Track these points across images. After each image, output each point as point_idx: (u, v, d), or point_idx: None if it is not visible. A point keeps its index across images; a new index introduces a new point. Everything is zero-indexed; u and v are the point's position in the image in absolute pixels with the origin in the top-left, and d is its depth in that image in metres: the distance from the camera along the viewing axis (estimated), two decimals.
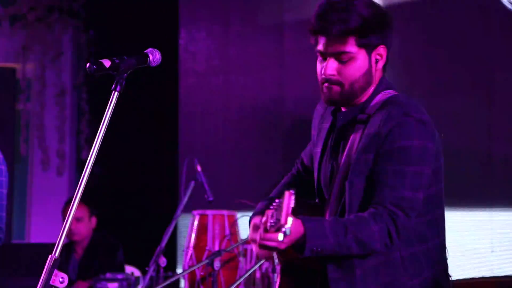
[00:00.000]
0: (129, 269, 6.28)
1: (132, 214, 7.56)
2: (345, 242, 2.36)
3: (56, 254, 2.29)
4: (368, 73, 2.53)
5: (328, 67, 2.51)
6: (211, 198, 4.92)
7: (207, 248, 4.71)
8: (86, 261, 6.10)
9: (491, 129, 5.57)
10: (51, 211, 7.90)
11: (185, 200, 4.90)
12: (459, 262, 5.49)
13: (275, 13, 6.78)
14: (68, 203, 6.40)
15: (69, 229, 2.31)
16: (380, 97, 2.55)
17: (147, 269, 4.61)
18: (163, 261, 4.61)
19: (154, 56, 2.54)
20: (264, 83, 6.80)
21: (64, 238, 2.33)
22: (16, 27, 8.40)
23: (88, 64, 2.43)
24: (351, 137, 2.53)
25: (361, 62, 2.51)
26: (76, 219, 5.99)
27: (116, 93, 2.44)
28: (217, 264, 4.32)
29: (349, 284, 2.44)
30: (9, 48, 8.41)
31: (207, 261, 4.34)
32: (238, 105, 6.95)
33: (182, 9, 7.44)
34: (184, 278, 4.92)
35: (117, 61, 2.45)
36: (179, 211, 4.85)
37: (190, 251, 4.76)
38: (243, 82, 6.93)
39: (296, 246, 2.35)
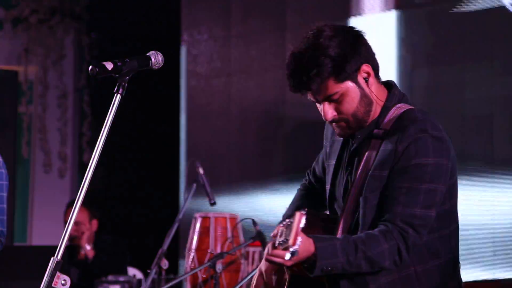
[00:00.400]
0: (131, 271, 6.28)
1: (134, 217, 7.56)
2: (355, 261, 2.38)
3: (59, 257, 2.29)
4: (364, 96, 2.52)
5: (326, 113, 2.54)
6: (213, 201, 4.92)
7: (209, 250, 4.71)
8: (89, 263, 6.09)
9: (493, 131, 5.57)
10: (53, 214, 7.90)
11: (187, 202, 4.90)
12: (461, 265, 5.49)
13: (277, 15, 6.78)
14: (70, 205, 6.40)
15: (70, 233, 2.31)
16: (394, 111, 2.53)
17: (149, 271, 4.61)
18: (165, 264, 4.60)
19: (157, 58, 2.54)
20: (266, 85, 6.80)
21: (67, 241, 2.34)
22: (18, 29, 8.40)
23: (90, 67, 2.42)
24: (367, 152, 2.52)
25: (352, 93, 2.51)
26: (75, 223, 5.98)
27: (119, 95, 2.44)
28: (219, 266, 4.32)
29: None
30: (11, 50, 8.42)
31: (209, 263, 4.34)
32: (240, 107, 6.95)
33: (184, 12, 7.44)
34: (186, 280, 4.92)
35: (119, 63, 2.45)
36: (181, 214, 4.85)
37: (192, 254, 4.76)
38: (244, 84, 6.93)
39: (307, 265, 2.37)
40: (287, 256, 2.25)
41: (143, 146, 7.89)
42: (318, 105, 2.59)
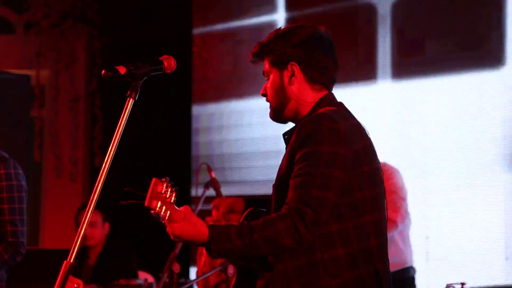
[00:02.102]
0: (142, 275, 6.28)
1: (145, 220, 7.56)
2: (252, 243, 2.51)
3: (71, 260, 2.29)
4: (281, 89, 2.78)
5: (263, 86, 2.84)
6: None
7: None
8: (99, 267, 6.11)
9: (506, 131, 5.55)
10: (64, 217, 7.92)
11: (198, 206, 4.91)
12: (473, 270, 5.47)
13: None
14: (80, 209, 6.42)
15: (84, 234, 2.33)
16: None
17: (160, 275, 4.62)
18: (176, 267, 4.61)
19: (169, 62, 2.55)
20: None
21: (79, 244, 2.34)
22: (30, 34, 8.44)
23: (103, 71, 2.43)
24: None
25: (274, 79, 2.79)
26: (90, 224, 6.01)
27: (131, 99, 2.45)
28: (230, 270, 4.32)
29: (269, 280, 2.61)
30: (23, 54, 8.45)
31: (220, 267, 4.35)
32: (252, 110, 6.96)
33: (195, 16, 7.46)
34: (197, 284, 4.92)
35: (132, 68, 2.46)
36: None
37: (204, 258, 4.76)
38: (256, 88, 6.94)
39: (206, 250, 2.56)
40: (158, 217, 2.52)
41: (154, 149, 7.90)
42: None
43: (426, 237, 5.69)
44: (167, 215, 2.52)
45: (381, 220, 2.67)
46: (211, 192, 5.09)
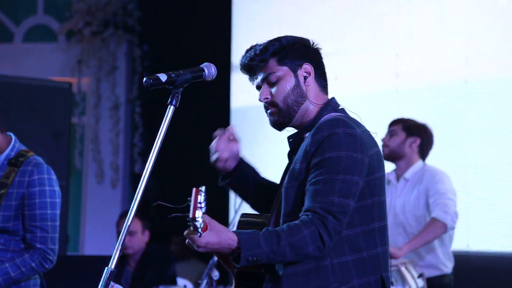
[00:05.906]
0: (182, 282, 6.30)
1: (184, 227, 7.59)
2: (279, 249, 2.48)
3: (112, 266, 2.31)
4: (297, 87, 2.72)
5: (261, 93, 2.76)
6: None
7: None
8: (139, 273, 6.14)
9: None
10: (105, 224, 7.98)
11: (237, 213, 4.91)
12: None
13: (324, 25, 6.78)
14: (122, 216, 6.46)
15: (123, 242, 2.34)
16: (325, 118, 2.69)
17: (200, 282, 4.62)
18: (215, 275, 4.61)
19: (210, 70, 2.56)
20: None
21: (119, 250, 2.36)
22: (72, 42, 8.53)
23: (144, 79, 2.45)
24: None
25: (288, 78, 2.72)
26: (129, 233, 6.03)
27: (172, 107, 2.46)
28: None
29: (277, 284, 2.57)
30: (65, 62, 8.55)
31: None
32: None
33: (235, 24, 7.48)
34: None
35: (173, 75, 2.47)
36: (231, 226, 4.85)
37: None
38: None
39: (232, 257, 2.50)
40: (196, 234, 2.43)
41: (194, 156, 7.93)
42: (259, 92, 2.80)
43: (467, 245, 5.64)
44: (202, 226, 2.45)
45: (386, 227, 2.67)
46: None
